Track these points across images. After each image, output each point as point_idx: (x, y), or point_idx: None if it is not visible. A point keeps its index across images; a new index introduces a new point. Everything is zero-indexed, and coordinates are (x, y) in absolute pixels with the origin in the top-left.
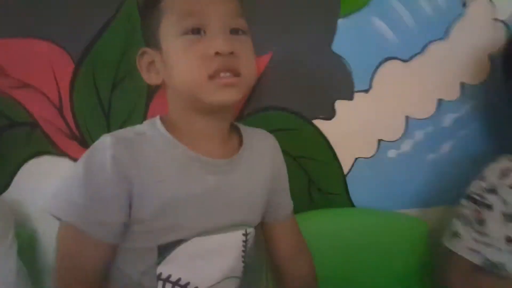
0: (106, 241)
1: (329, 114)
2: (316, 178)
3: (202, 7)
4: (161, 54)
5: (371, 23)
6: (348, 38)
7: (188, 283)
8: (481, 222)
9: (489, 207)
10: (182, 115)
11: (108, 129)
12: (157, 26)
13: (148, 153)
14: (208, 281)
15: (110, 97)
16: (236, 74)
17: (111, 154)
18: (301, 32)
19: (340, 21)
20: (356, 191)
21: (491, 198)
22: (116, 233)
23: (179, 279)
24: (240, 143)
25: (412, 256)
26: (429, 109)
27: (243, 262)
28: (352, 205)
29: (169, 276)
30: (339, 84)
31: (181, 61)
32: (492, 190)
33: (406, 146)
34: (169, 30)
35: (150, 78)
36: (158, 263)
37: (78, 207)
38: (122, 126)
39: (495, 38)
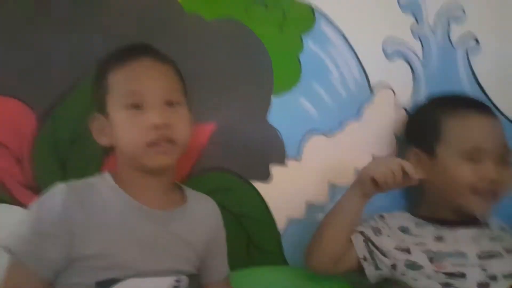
0: (46, 276)
1: (266, 177)
2: (254, 236)
3: (139, 85)
4: (108, 121)
5: (299, 102)
6: (280, 112)
7: None
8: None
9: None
10: (128, 172)
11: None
12: (104, 97)
13: (95, 200)
14: None
15: (68, 152)
16: (171, 141)
17: (62, 198)
18: (242, 104)
19: (274, 98)
20: (290, 250)
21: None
22: (55, 270)
23: None
24: (183, 200)
25: None
26: (349, 177)
27: None
28: (286, 263)
29: None
30: (274, 151)
31: (124, 130)
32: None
33: None
34: (113, 104)
35: (101, 140)
36: None
37: (24, 241)
38: (78, 179)
39: (398, 121)
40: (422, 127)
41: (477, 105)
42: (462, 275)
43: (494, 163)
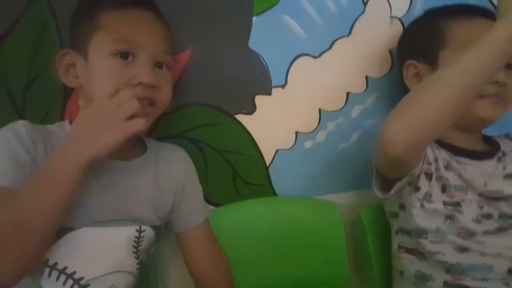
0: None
1: (250, 109)
2: (240, 170)
3: (135, 35)
4: (85, 61)
5: (283, 21)
6: (263, 35)
7: (74, 272)
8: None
9: None
10: None
11: None
12: (87, 37)
13: (53, 144)
14: (94, 272)
15: (24, 96)
16: (152, 103)
17: (25, 130)
18: (219, 29)
19: (254, 19)
20: (278, 181)
21: None
22: None
23: (65, 267)
24: (143, 151)
25: (328, 234)
26: (339, 102)
27: (136, 258)
28: (275, 195)
29: (56, 263)
30: (258, 80)
31: (105, 79)
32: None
33: (321, 136)
34: (99, 46)
35: (67, 79)
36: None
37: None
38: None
39: (393, 34)
40: (421, 36)
41: (481, 10)
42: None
43: None
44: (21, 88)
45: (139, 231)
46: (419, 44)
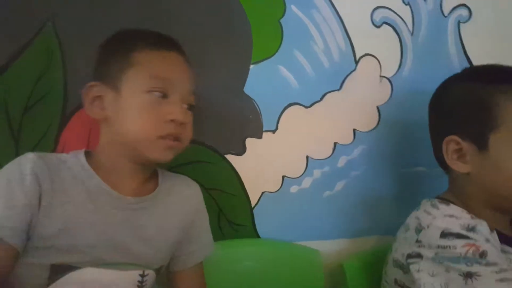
0: (13, 243)
1: (240, 150)
2: (225, 209)
3: (170, 75)
4: (117, 95)
5: (278, 71)
6: (258, 82)
7: None
8: (482, 254)
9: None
10: (111, 156)
11: (17, 152)
12: (120, 70)
13: (64, 176)
14: None
15: (21, 121)
16: (178, 139)
17: (30, 167)
18: (218, 73)
19: (252, 66)
20: (262, 223)
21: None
22: (25, 238)
23: None
24: (156, 185)
25: (308, 280)
26: (326, 151)
27: None
28: (258, 236)
29: None
30: (250, 123)
31: (139, 114)
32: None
33: (306, 183)
34: (135, 82)
35: (92, 110)
36: (48, 285)
37: None
38: (32, 150)
39: (382, 92)
40: (466, 111)
41: None
42: None
43: None
44: (19, 113)
45: (142, 276)
46: (463, 120)
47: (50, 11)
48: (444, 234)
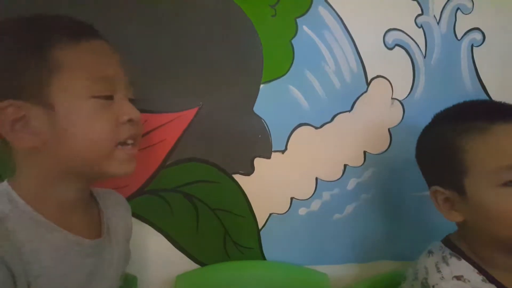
0: None
1: (249, 170)
2: (231, 231)
3: (109, 71)
4: (48, 112)
5: (288, 91)
6: (268, 102)
7: None
8: None
9: None
10: (48, 183)
11: None
12: (41, 79)
13: (22, 244)
14: None
15: None
16: (136, 143)
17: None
18: (228, 92)
19: (262, 86)
20: (269, 246)
21: None
22: None
23: None
24: (98, 209)
25: None
26: (336, 173)
27: None
28: (264, 259)
29: None
30: (259, 143)
31: (90, 125)
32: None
33: (316, 205)
34: (71, 90)
35: (20, 139)
36: None
37: None
38: None
39: (393, 115)
40: (437, 161)
41: (500, 110)
42: None
43: None
44: None
45: None
46: (439, 168)
47: None
48: None
